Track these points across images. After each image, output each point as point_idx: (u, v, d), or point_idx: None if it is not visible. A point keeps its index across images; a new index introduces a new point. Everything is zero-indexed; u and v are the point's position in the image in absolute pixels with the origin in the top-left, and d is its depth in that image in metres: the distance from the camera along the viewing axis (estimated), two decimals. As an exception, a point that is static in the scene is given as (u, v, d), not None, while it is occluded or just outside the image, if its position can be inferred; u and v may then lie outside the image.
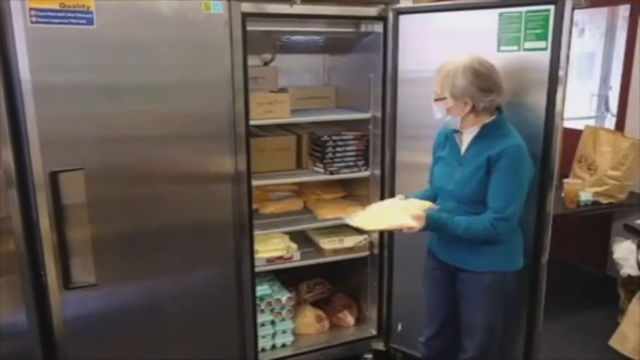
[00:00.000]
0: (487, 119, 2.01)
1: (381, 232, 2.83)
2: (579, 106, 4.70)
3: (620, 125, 3.77)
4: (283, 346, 2.88)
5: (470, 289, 2.12)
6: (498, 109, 2.04)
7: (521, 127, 2.23)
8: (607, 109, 4.38)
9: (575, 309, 3.51)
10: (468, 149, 2.05)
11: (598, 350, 3.09)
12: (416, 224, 1.99)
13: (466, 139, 2.06)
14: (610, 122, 4.12)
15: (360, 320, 3.11)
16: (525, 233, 2.19)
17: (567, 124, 3.86)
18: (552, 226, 2.25)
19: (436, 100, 2.02)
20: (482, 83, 1.94)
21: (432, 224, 2.02)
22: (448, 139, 2.14)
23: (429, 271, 2.31)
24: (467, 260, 2.11)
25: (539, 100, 2.17)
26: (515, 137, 2.00)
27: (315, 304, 3.11)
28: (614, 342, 3.09)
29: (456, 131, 2.08)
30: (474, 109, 1.97)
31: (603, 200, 3.38)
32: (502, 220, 1.96)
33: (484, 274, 2.08)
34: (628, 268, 3.14)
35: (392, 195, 2.72)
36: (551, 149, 2.17)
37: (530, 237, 2.27)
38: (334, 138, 2.80)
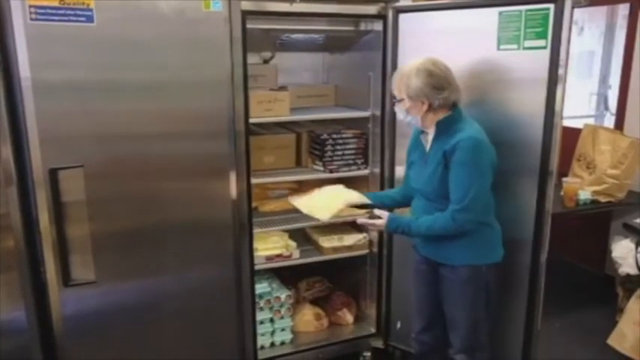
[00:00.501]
0: (443, 116, 2.08)
1: (380, 231, 2.84)
2: (579, 105, 4.71)
3: (619, 124, 3.77)
4: (282, 343, 2.88)
5: (449, 284, 2.17)
6: (455, 106, 2.09)
7: (520, 125, 2.25)
8: (606, 108, 4.39)
9: (573, 307, 3.52)
10: (430, 147, 2.14)
11: (596, 349, 3.10)
12: (378, 222, 2.18)
13: (429, 138, 2.14)
14: (609, 121, 4.13)
15: (359, 318, 3.12)
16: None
17: (566, 123, 3.86)
18: (551, 224, 2.26)
19: (396, 102, 2.12)
20: (435, 82, 2.02)
21: (392, 226, 2.16)
22: (417, 140, 2.23)
23: (415, 266, 2.37)
24: (444, 255, 2.18)
25: (539, 98, 2.18)
26: (470, 130, 2.05)
27: (315, 302, 3.11)
28: (613, 341, 3.10)
29: (422, 132, 2.17)
30: (430, 108, 2.05)
31: (602, 199, 3.38)
32: (461, 211, 2.02)
33: (461, 267, 2.13)
34: (627, 267, 3.15)
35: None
36: (551, 148, 2.18)
37: (529, 235, 2.29)
38: (334, 136, 2.80)
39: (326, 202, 2.34)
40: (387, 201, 2.41)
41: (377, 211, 2.26)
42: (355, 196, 2.38)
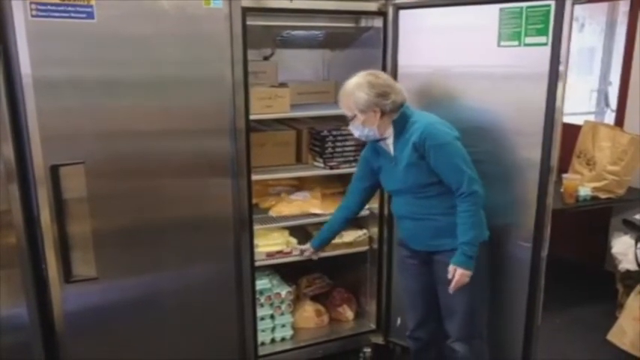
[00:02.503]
0: (395, 117, 2.17)
1: (381, 227, 2.85)
2: (579, 101, 4.71)
3: (619, 120, 3.77)
4: (283, 340, 2.89)
5: (444, 270, 2.17)
6: (402, 105, 2.17)
7: (521, 121, 2.25)
8: (607, 105, 4.39)
9: (573, 304, 3.53)
10: (395, 149, 2.21)
11: (596, 345, 3.10)
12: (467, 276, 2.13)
13: (390, 142, 2.23)
14: (610, 118, 4.13)
15: (359, 314, 3.13)
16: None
17: (567, 120, 3.85)
18: (551, 220, 2.27)
19: (351, 120, 2.20)
20: (378, 90, 2.12)
21: (466, 261, 2.11)
22: (377, 150, 2.31)
23: (402, 260, 2.41)
24: (435, 243, 2.22)
25: (539, 95, 2.18)
26: (423, 119, 2.16)
27: (315, 298, 3.12)
28: (613, 336, 3.10)
29: (379, 141, 2.24)
30: (383, 114, 2.14)
31: (602, 195, 3.39)
32: (470, 185, 2.09)
33: (454, 251, 2.14)
34: (626, 263, 3.16)
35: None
36: (551, 144, 2.19)
37: (529, 231, 2.29)
38: (334, 133, 2.81)
39: None
40: (341, 228, 2.61)
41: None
42: None
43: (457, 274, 2.12)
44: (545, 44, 2.14)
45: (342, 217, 2.55)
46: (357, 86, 2.14)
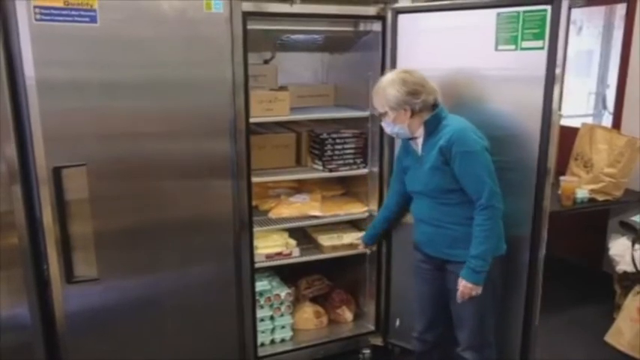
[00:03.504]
0: (427, 117, 2.15)
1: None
2: (577, 104, 4.73)
3: (616, 123, 3.79)
4: (282, 341, 2.91)
5: (455, 281, 2.16)
6: (436, 106, 2.16)
7: (518, 124, 2.27)
8: (604, 107, 4.41)
9: (571, 305, 3.55)
10: (423, 149, 2.21)
11: (594, 345, 3.12)
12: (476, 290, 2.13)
13: (419, 142, 2.22)
14: (608, 120, 4.15)
15: (358, 316, 3.14)
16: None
17: (565, 122, 3.88)
18: (549, 222, 2.29)
19: (381, 117, 2.20)
20: (409, 88, 2.11)
21: (474, 278, 2.10)
22: (407, 148, 2.31)
23: (416, 264, 2.39)
24: (450, 252, 2.20)
25: (536, 98, 2.20)
26: (455, 123, 2.14)
27: (314, 299, 3.14)
28: (610, 337, 3.12)
29: (410, 139, 2.24)
30: (413, 113, 2.14)
31: (599, 197, 3.40)
32: (490, 198, 2.07)
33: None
34: (624, 265, 3.17)
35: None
36: (548, 146, 2.21)
37: (527, 233, 2.30)
38: (333, 136, 2.83)
39: None
40: (384, 227, 2.66)
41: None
42: None
43: (461, 286, 2.12)
44: (542, 48, 2.16)
45: (384, 216, 2.62)
46: (389, 83, 2.13)
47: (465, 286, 2.11)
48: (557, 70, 2.14)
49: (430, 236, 2.26)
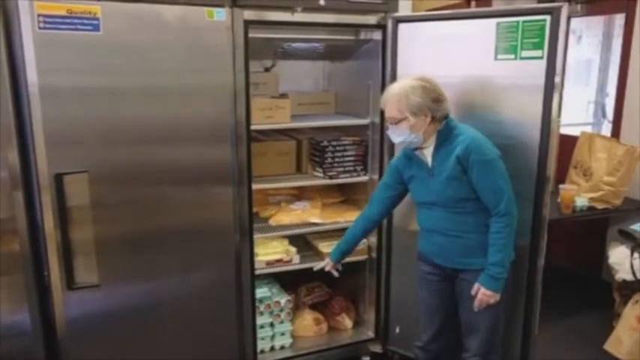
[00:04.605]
0: (440, 127, 2.14)
1: (379, 236, 2.87)
2: (576, 112, 4.75)
3: (615, 132, 3.81)
4: (282, 348, 2.91)
5: (469, 288, 2.15)
6: (447, 116, 2.16)
7: (518, 133, 2.28)
8: (604, 116, 4.43)
9: (570, 313, 3.54)
10: (433, 159, 2.17)
11: (593, 354, 3.11)
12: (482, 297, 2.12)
13: (428, 152, 2.18)
14: (607, 129, 4.16)
15: (358, 323, 3.14)
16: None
17: (564, 131, 3.90)
18: (548, 230, 2.30)
19: (397, 123, 2.13)
20: (433, 96, 2.10)
21: (489, 282, 2.10)
22: (411, 159, 2.26)
23: (423, 275, 2.35)
24: (464, 261, 2.18)
25: (536, 107, 2.21)
26: (470, 132, 2.14)
27: (314, 306, 3.14)
28: (609, 346, 3.11)
29: (415, 150, 2.20)
30: (432, 120, 2.11)
31: (599, 206, 3.41)
32: (508, 205, 2.07)
33: (481, 271, 2.12)
34: (623, 273, 3.17)
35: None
36: (548, 155, 2.22)
37: (526, 241, 2.31)
38: (333, 143, 2.84)
39: None
40: (360, 241, 2.57)
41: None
42: None
43: (480, 293, 2.10)
44: (541, 58, 2.18)
45: (361, 228, 2.49)
46: (411, 89, 2.09)
47: (484, 294, 2.10)
48: (557, 79, 2.16)
49: (442, 246, 2.22)
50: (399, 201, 2.43)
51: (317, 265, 2.59)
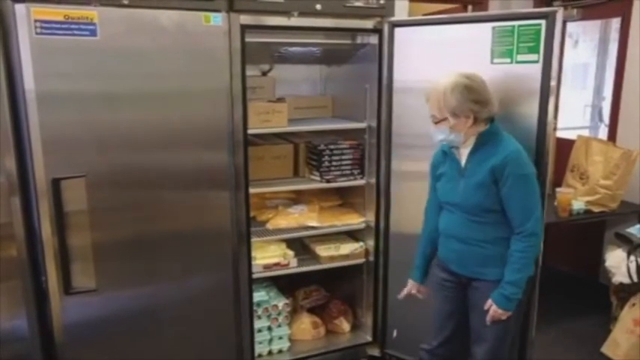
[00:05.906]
0: (483, 129, 2.06)
1: (377, 240, 2.88)
2: (573, 116, 4.76)
3: (612, 135, 3.82)
4: (280, 351, 2.90)
5: (483, 298, 2.10)
6: (491, 119, 2.09)
7: (515, 137, 2.28)
8: (600, 120, 4.43)
9: (567, 316, 3.55)
10: (468, 161, 2.09)
11: (590, 357, 3.12)
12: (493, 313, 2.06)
13: (464, 152, 2.10)
14: (604, 132, 4.17)
15: (355, 326, 3.14)
16: None
17: (561, 134, 3.92)
18: (545, 234, 2.30)
19: (437, 123, 2.05)
20: (477, 96, 2.00)
21: (502, 301, 2.03)
22: (446, 155, 2.18)
23: (438, 282, 2.29)
24: (480, 270, 2.12)
25: (532, 110, 2.22)
26: (511, 142, 2.06)
27: (312, 310, 3.14)
28: (606, 349, 3.12)
29: (453, 147, 2.12)
30: (475, 122, 2.02)
31: (595, 209, 3.42)
32: (536, 224, 2.01)
33: (496, 282, 2.07)
34: (620, 276, 3.17)
35: (387, 203, 2.77)
36: (544, 158, 2.23)
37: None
38: (331, 147, 2.85)
39: None
40: (428, 264, 2.36)
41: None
42: None
43: (492, 310, 2.05)
44: (537, 62, 2.19)
45: (431, 238, 2.30)
46: (451, 88, 1.99)
47: (495, 311, 2.04)
48: (552, 83, 2.17)
49: (460, 254, 2.16)
50: None
51: (402, 293, 2.42)
